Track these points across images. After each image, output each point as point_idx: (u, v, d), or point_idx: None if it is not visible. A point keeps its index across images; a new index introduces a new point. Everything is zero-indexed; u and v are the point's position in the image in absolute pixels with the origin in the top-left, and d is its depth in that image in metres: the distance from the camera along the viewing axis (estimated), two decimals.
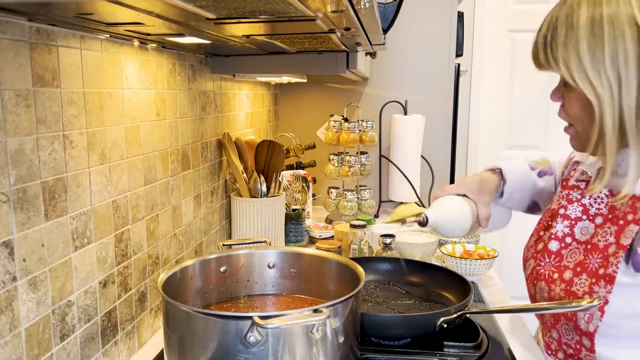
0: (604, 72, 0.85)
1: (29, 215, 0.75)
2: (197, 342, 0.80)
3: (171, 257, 1.23)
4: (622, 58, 0.84)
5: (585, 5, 0.87)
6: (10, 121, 0.71)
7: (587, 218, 0.98)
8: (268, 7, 0.65)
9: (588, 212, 0.98)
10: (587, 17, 0.86)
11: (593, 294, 0.90)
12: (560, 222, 1.01)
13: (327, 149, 2.11)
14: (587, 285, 0.91)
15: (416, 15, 2.18)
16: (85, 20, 0.76)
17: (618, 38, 0.84)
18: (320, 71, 1.40)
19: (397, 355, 1.03)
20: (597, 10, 0.85)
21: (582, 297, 0.91)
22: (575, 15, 0.87)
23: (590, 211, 0.97)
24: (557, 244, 1.00)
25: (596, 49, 0.85)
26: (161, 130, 1.16)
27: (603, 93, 0.86)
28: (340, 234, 1.67)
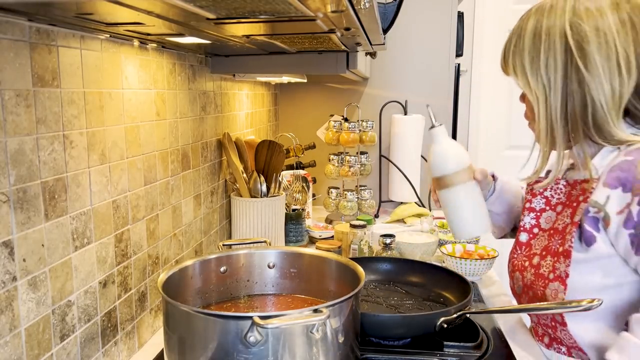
0: (540, 77, 0.98)
1: (29, 215, 0.75)
2: (197, 342, 0.80)
3: (171, 257, 1.23)
4: (552, 65, 0.96)
5: (533, 17, 0.99)
6: (10, 121, 0.71)
7: (550, 208, 1.07)
8: (268, 7, 0.65)
9: (550, 203, 1.07)
10: (531, 28, 0.98)
11: (556, 271, 0.97)
12: (527, 214, 1.09)
13: (327, 149, 2.11)
14: (551, 265, 0.99)
15: (416, 15, 2.18)
16: (85, 20, 0.76)
17: (551, 47, 0.95)
18: (320, 71, 1.40)
19: (397, 355, 1.03)
20: (539, 22, 0.97)
21: (548, 277, 0.99)
22: (524, 26, 1.00)
23: (552, 201, 1.07)
24: (526, 235, 1.09)
25: (535, 57, 0.98)
26: (161, 130, 1.16)
27: (539, 96, 0.98)
28: (340, 234, 1.67)
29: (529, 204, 1.09)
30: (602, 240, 0.93)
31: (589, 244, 0.93)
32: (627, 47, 0.92)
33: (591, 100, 0.94)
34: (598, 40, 0.92)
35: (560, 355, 1.04)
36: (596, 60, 0.92)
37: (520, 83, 1.02)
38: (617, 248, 0.92)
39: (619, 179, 0.90)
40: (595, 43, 0.92)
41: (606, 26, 0.92)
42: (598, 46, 0.92)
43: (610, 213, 0.91)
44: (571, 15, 0.94)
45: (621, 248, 0.91)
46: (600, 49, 0.92)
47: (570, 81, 0.95)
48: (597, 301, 0.88)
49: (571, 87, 0.95)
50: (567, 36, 0.93)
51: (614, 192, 0.90)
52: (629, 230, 0.89)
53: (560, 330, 1.00)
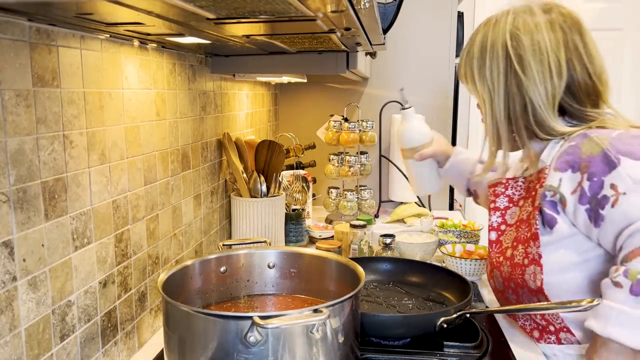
0: (485, 82, 1.09)
1: (29, 215, 0.75)
2: (197, 342, 0.80)
3: (171, 257, 1.23)
4: (495, 71, 1.08)
5: (481, 30, 1.12)
6: (10, 121, 0.71)
7: (513, 205, 1.16)
8: (268, 7, 0.65)
9: (513, 200, 1.16)
10: (479, 40, 1.11)
11: (529, 256, 1.04)
12: (493, 214, 1.18)
13: (327, 149, 2.11)
14: (523, 251, 1.06)
15: (416, 15, 2.18)
16: (85, 20, 0.76)
17: (494, 56, 1.07)
18: (320, 71, 1.40)
19: (397, 355, 1.03)
20: (486, 34, 1.10)
21: (523, 263, 1.05)
22: (474, 38, 1.13)
23: (514, 198, 1.16)
24: (495, 233, 1.17)
25: (481, 65, 1.10)
26: (161, 130, 1.16)
27: (485, 99, 1.10)
28: (340, 234, 1.67)
29: (494, 204, 1.18)
30: (562, 221, 1.01)
31: (551, 226, 1.01)
32: (557, 52, 1.03)
33: (529, 100, 1.05)
34: (533, 48, 1.04)
35: (551, 345, 1.07)
36: (532, 65, 1.04)
37: (470, 88, 1.15)
38: (577, 225, 0.99)
39: (567, 161, 0.99)
40: (530, 50, 1.04)
41: (540, 36, 1.04)
42: (533, 53, 1.04)
43: (565, 194, 0.99)
44: (511, 27, 1.06)
45: (581, 224, 0.98)
46: (534, 55, 1.04)
47: (510, 85, 1.06)
48: (596, 301, 0.89)
49: (512, 90, 1.06)
50: (507, 45, 1.06)
51: (565, 175, 0.99)
52: (584, 206, 0.96)
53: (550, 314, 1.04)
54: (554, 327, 1.06)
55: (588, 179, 0.95)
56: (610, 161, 0.93)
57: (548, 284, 1.02)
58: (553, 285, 1.02)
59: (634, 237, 0.90)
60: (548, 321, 1.07)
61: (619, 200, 0.92)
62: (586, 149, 0.97)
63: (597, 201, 0.94)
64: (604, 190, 0.94)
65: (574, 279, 1.01)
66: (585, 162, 0.96)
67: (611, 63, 3.46)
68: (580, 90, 1.05)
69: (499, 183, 1.18)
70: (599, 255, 1.00)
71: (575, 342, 1.04)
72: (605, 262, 0.99)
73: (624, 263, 0.90)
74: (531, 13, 1.06)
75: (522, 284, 1.06)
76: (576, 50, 1.04)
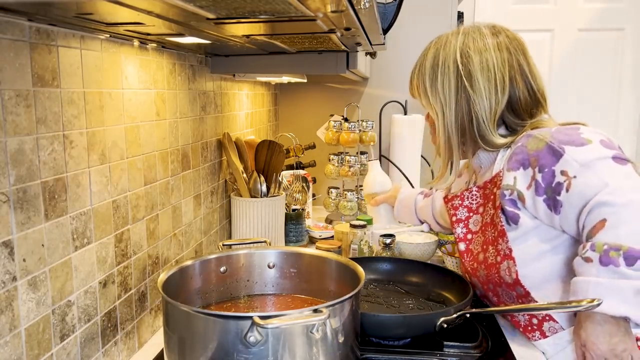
0: (437, 96, 1.17)
1: (29, 215, 0.75)
2: (197, 342, 0.80)
3: (171, 257, 1.23)
4: (446, 86, 1.15)
5: (432, 48, 1.19)
6: (10, 121, 0.71)
7: (473, 213, 1.21)
8: (268, 7, 0.65)
9: (472, 209, 1.21)
10: (431, 56, 1.19)
11: (500, 252, 1.08)
12: (457, 226, 1.23)
13: (327, 149, 2.11)
14: (494, 250, 1.10)
15: (416, 15, 2.18)
16: (85, 20, 0.76)
17: (445, 72, 1.15)
18: (320, 71, 1.40)
19: (397, 355, 1.04)
20: (437, 51, 1.18)
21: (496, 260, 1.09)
22: (426, 55, 1.20)
23: (473, 207, 1.21)
24: (463, 244, 1.21)
25: (433, 80, 1.17)
26: (161, 130, 1.16)
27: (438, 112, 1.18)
28: (340, 234, 1.66)
29: (455, 217, 1.23)
30: (524, 215, 1.06)
31: (515, 221, 1.06)
32: (503, 70, 1.12)
33: (475, 114, 1.13)
34: (481, 65, 1.12)
35: (538, 341, 1.09)
36: (479, 81, 1.12)
37: (423, 101, 1.22)
38: (539, 217, 1.04)
39: (517, 161, 1.06)
40: (479, 67, 1.12)
41: (488, 54, 1.12)
42: (481, 70, 1.12)
43: (522, 190, 1.04)
44: (462, 46, 1.15)
45: (542, 215, 1.04)
46: (482, 72, 1.12)
47: (461, 99, 1.14)
48: (596, 301, 0.89)
49: (462, 104, 1.14)
50: (458, 62, 1.14)
51: (518, 173, 1.05)
52: (542, 197, 1.02)
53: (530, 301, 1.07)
54: (537, 319, 1.09)
55: (539, 171, 1.01)
56: (556, 151, 1.00)
57: (523, 275, 1.05)
58: (528, 276, 1.05)
59: (592, 213, 0.94)
60: (531, 315, 1.09)
61: (572, 184, 0.97)
62: (532, 146, 1.04)
63: (553, 189, 1.00)
64: (556, 178, 0.99)
65: (547, 265, 1.06)
66: (534, 157, 1.03)
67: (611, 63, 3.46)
68: (520, 106, 1.14)
69: (454, 197, 1.24)
70: (565, 239, 1.05)
71: (559, 330, 1.06)
72: (572, 245, 1.05)
73: (589, 239, 0.94)
74: (480, 34, 1.15)
75: (499, 282, 1.10)
76: (520, 69, 1.13)
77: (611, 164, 0.97)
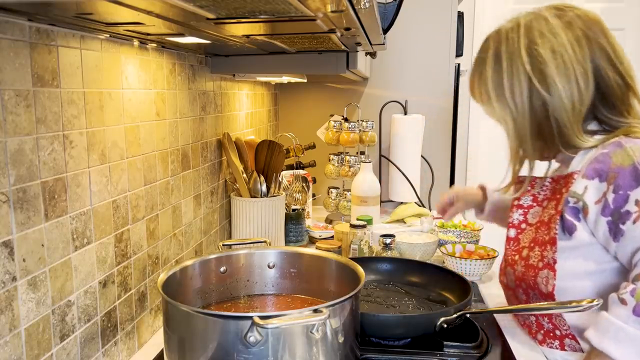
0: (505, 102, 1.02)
1: (29, 215, 0.75)
2: (197, 342, 0.80)
3: (171, 257, 1.23)
4: (517, 89, 1.00)
5: (492, 45, 1.04)
6: (10, 121, 0.71)
7: (537, 204, 1.11)
8: (268, 7, 0.65)
9: (537, 199, 1.11)
10: (492, 57, 1.03)
11: (544, 259, 1.01)
12: (515, 211, 1.13)
13: (327, 149, 2.11)
14: (539, 254, 1.03)
15: (416, 15, 2.18)
16: (85, 20, 0.76)
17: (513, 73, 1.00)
18: (320, 71, 1.40)
19: (397, 355, 1.03)
20: (498, 50, 1.02)
21: (537, 265, 1.03)
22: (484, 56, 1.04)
23: (539, 198, 1.11)
24: (514, 230, 1.13)
25: (498, 84, 1.02)
26: (161, 130, 1.16)
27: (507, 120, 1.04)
28: (340, 234, 1.66)
29: (517, 201, 1.14)
30: (582, 229, 0.98)
31: (571, 232, 0.99)
32: (583, 62, 0.97)
33: (554, 118, 0.99)
34: (556, 62, 0.96)
35: (553, 350, 1.06)
36: (556, 81, 0.97)
37: (487, 110, 1.08)
38: (597, 236, 0.97)
39: (595, 170, 0.95)
40: (553, 65, 0.96)
41: (561, 47, 0.96)
42: (556, 67, 0.96)
43: (589, 202, 0.96)
44: (527, 41, 0.98)
45: (600, 236, 0.96)
46: (558, 70, 0.96)
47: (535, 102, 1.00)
48: (596, 301, 0.89)
49: (536, 107, 1.00)
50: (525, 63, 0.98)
51: (591, 183, 0.96)
52: (606, 218, 0.94)
53: (556, 317, 1.03)
54: (560, 332, 1.04)
55: (614, 190, 0.92)
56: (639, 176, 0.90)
57: (560, 289, 0.99)
58: (564, 292, 0.99)
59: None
60: (555, 325, 1.05)
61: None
62: (617, 159, 0.93)
63: (620, 215, 0.92)
64: (627, 205, 0.91)
65: (588, 287, 0.99)
66: (614, 173, 0.93)
67: None
68: (613, 95, 0.99)
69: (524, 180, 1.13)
70: (614, 267, 0.98)
71: (579, 350, 1.02)
72: (619, 275, 0.98)
73: (635, 282, 0.89)
74: (546, 21, 0.99)
75: (533, 286, 1.05)
76: (603, 54, 0.98)
77: None
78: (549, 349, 1.07)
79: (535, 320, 1.09)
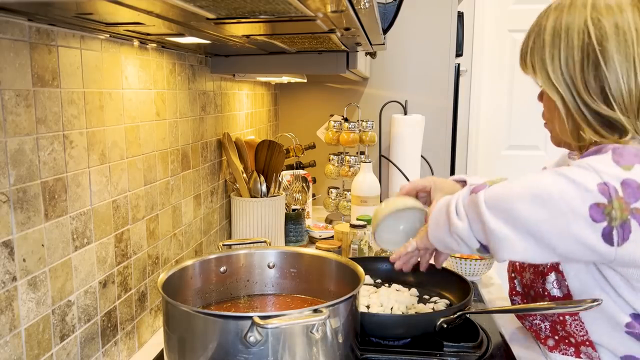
0: (561, 74, 0.95)
1: (29, 215, 0.75)
2: (197, 342, 0.80)
3: (171, 257, 1.23)
4: (571, 62, 0.93)
5: (552, 14, 0.97)
6: (10, 121, 0.71)
7: None
8: (268, 7, 0.65)
9: None
10: (551, 25, 0.96)
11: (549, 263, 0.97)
12: None
13: (327, 149, 2.11)
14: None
15: (416, 15, 2.18)
16: (85, 20, 0.76)
17: (569, 44, 0.93)
18: (320, 71, 1.40)
19: (397, 355, 1.03)
20: (558, 19, 0.95)
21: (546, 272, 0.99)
22: (543, 24, 0.98)
23: None
24: None
25: (555, 54, 0.95)
26: (161, 130, 1.16)
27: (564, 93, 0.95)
28: (340, 234, 1.66)
29: None
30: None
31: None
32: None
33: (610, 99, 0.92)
34: (617, 39, 0.90)
35: (567, 357, 1.01)
36: (614, 58, 0.90)
37: (540, 81, 0.99)
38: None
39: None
40: (614, 41, 0.90)
41: (625, 24, 0.90)
42: (617, 44, 0.90)
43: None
44: (591, 11, 0.92)
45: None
46: (619, 47, 0.90)
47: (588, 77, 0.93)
48: (597, 301, 0.88)
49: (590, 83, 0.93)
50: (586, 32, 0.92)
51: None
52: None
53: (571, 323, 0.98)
54: (575, 339, 0.99)
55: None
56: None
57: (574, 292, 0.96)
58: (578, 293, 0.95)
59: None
60: (569, 333, 1.00)
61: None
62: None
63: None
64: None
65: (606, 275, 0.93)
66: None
67: None
68: None
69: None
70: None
71: (596, 359, 0.98)
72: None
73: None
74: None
75: (543, 293, 1.01)
76: None
77: None
78: (562, 356, 1.02)
79: (550, 325, 1.04)
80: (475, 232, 0.90)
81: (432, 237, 0.97)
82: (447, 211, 0.93)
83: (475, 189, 0.90)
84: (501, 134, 3.21)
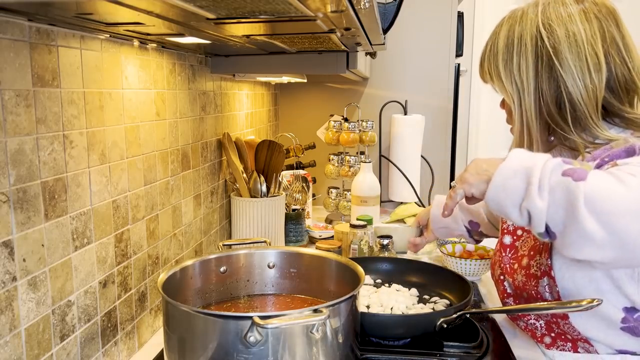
0: (513, 80, 1.01)
1: (29, 215, 0.75)
2: (197, 342, 0.80)
3: (171, 257, 1.23)
4: (523, 68, 1.00)
5: (506, 23, 1.04)
6: (10, 121, 0.71)
7: None
8: (268, 7, 0.65)
9: None
10: (504, 34, 1.03)
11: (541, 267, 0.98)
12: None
13: (327, 149, 2.11)
14: (539, 262, 1.00)
15: (416, 15, 2.18)
16: (85, 20, 0.76)
17: (522, 51, 1.00)
18: (320, 71, 1.40)
19: (397, 355, 1.03)
20: (511, 28, 1.02)
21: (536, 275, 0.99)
22: (498, 32, 1.05)
23: None
24: (510, 237, 1.10)
25: (508, 61, 1.02)
26: (161, 130, 1.16)
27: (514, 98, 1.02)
28: (340, 234, 1.66)
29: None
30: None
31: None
32: (594, 45, 0.96)
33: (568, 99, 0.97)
34: (568, 40, 0.96)
35: (565, 352, 1.03)
36: (568, 59, 0.96)
37: (496, 86, 1.07)
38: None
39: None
40: (566, 42, 0.96)
41: (575, 27, 0.96)
42: (568, 45, 0.96)
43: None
44: (542, 18, 0.99)
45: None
46: (571, 48, 0.96)
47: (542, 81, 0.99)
48: (596, 301, 0.88)
49: (543, 87, 0.99)
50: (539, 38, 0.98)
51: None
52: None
53: (564, 325, 1.00)
54: (571, 336, 1.01)
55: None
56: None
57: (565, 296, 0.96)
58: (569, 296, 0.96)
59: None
60: (564, 331, 1.02)
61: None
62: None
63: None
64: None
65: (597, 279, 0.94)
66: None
67: None
68: (619, 87, 0.97)
69: None
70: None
71: (593, 352, 0.99)
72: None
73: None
74: (562, 3, 0.99)
75: (535, 297, 1.01)
76: (613, 42, 0.97)
77: None
78: (560, 352, 1.03)
79: (545, 324, 1.05)
80: (551, 216, 0.79)
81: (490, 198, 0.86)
82: (528, 181, 0.81)
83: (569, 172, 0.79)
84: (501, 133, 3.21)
